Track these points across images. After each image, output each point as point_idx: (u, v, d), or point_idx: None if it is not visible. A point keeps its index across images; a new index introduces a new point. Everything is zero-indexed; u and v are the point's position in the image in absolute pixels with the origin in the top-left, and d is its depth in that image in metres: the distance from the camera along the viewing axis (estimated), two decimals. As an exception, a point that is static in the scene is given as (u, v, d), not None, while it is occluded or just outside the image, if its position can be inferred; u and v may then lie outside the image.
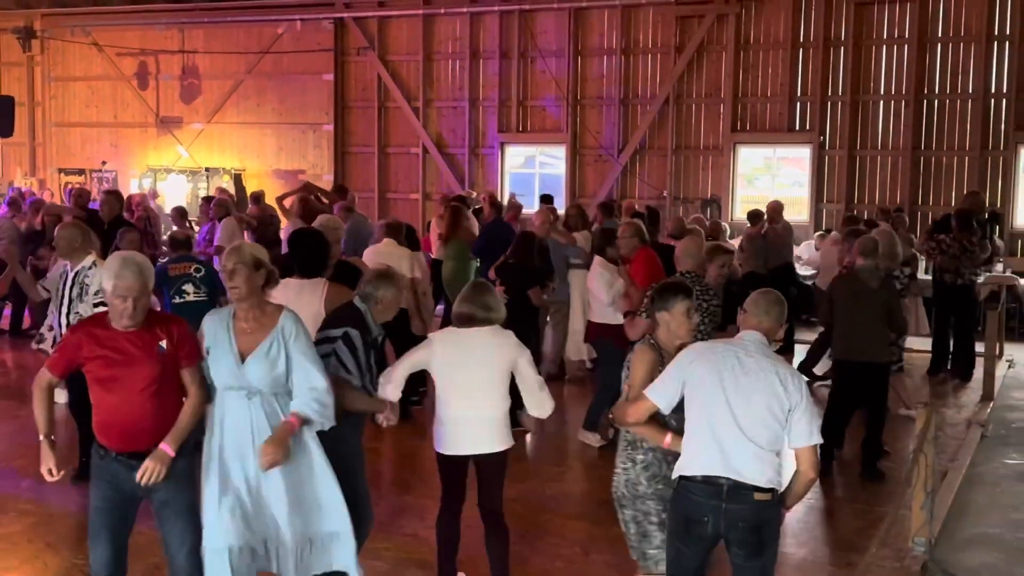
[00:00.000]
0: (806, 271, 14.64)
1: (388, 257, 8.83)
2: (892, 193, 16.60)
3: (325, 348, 5.04)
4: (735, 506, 4.19)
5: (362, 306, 5.19)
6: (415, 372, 5.36)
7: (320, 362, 4.71)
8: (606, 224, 11.32)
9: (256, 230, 13.04)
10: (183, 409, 4.58)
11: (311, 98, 20.07)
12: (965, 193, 13.94)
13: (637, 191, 17.78)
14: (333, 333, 5.09)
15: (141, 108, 21.41)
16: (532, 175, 19.25)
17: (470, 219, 12.19)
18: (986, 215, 14.19)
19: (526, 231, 10.11)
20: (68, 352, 4.60)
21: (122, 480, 4.52)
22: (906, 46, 16.38)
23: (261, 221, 13.49)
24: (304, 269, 6.12)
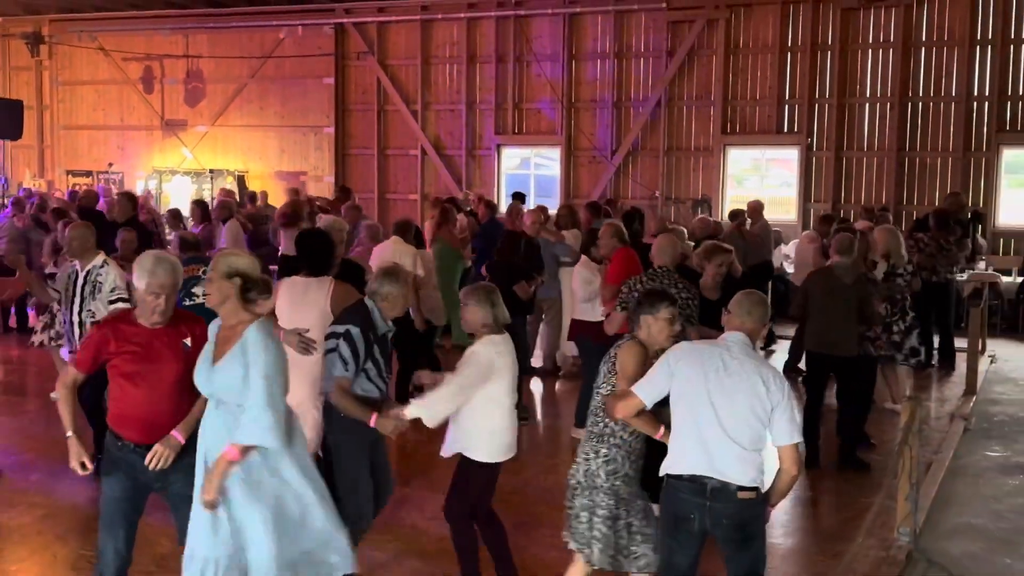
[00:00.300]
0: (793, 268, 14.85)
1: (393, 254, 9.02)
2: (878, 193, 16.83)
3: (331, 343, 5.22)
4: (719, 504, 4.29)
5: (370, 303, 5.29)
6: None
7: (274, 380, 4.37)
8: (594, 224, 11.46)
9: (250, 229, 13.23)
10: (198, 401, 4.63)
11: (312, 101, 20.34)
12: (946, 195, 14.16)
13: (630, 192, 18.04)
14: (338, 330, 5.24)
15: (147, 111, 21.70)
16: (528, 176, 19.53)
17: (457, 220, 12.39)
18: (969, 215, 14.46)
19: (510, 230, 10.21)
20: (94, 348, 4.65)
21: (140, 471, 4.61)
22: (891, 50, 16.63)
23: (254, 220, 13.63)
24: (311, 268, 6.27)
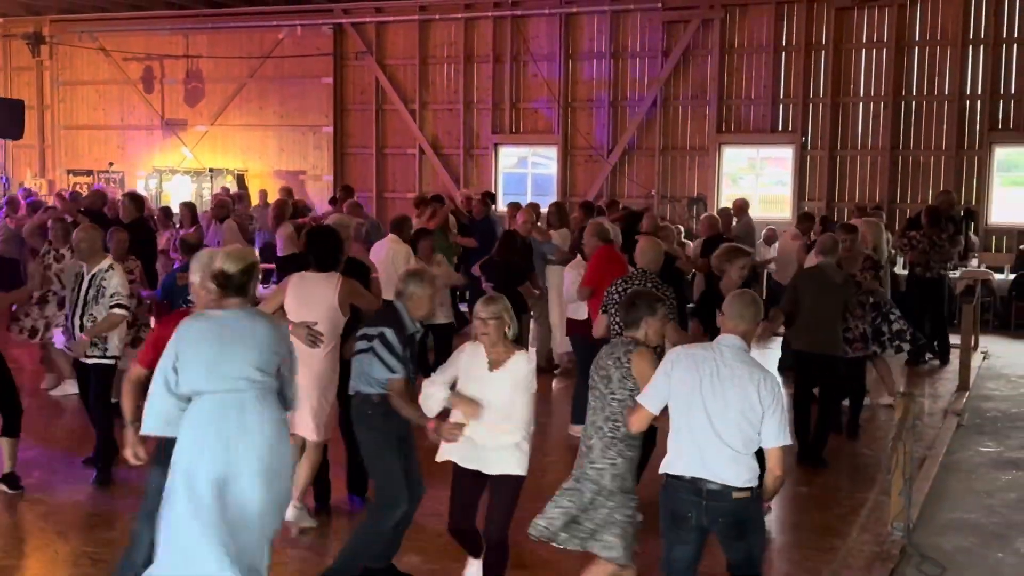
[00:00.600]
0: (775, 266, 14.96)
1: (388, 253, 9.14)
2: (871, 191, 16.98)
3: (362, 345, 5.37)
4: (715, 503, 4.43)
5: (399, 304, 5.38)
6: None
7: (156, 379, 4.63)
8: (586, 223, 11.59)
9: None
10: None
11: (311, 101, 20.44)
12: (937, 194, 14.33)
13: (626, 190, 18.18)
14: (371, 332, 5.36)
15: (147, 111, 21.77)
16: (525, 175, 19.68)
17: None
18: (961, 212, 14.65)
19: (508, 230, 10.35)
20: (159, 345, 4.79)
21: None
22: (885, 50, 16.78)
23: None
24: (319, 264, 6.45)
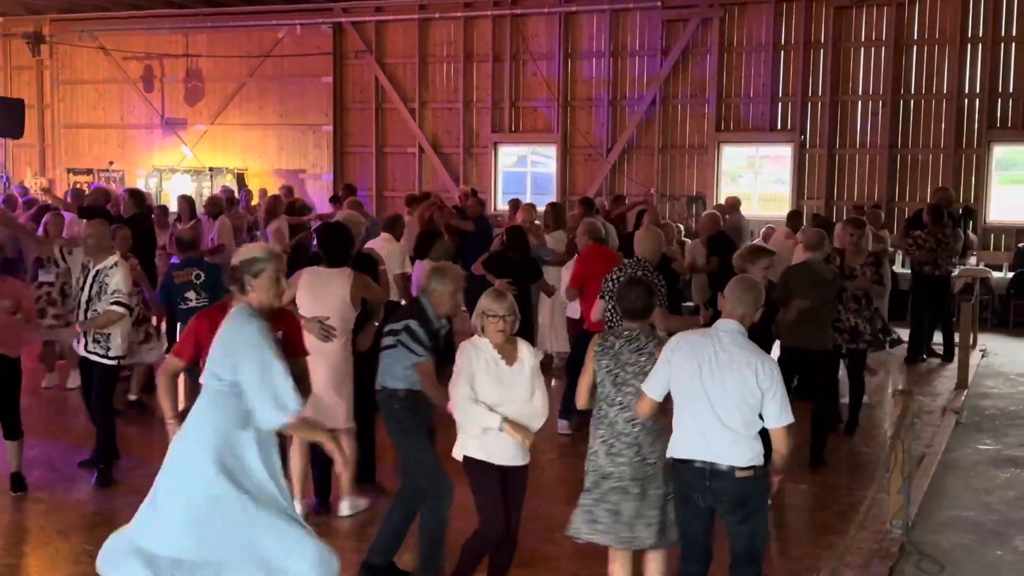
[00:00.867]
0: None
1: (382, 251, 9.12)
2: (870, 189, 17.03)
3: (389, 340, 5.48)
4: (719, 483, 4.60)
5: (424, 300, 5.48)
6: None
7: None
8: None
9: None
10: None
11: (311, 100, 20.46)
12: (934, 191, 14.34)
13: (625, 189, 18.18)
14: (396, 327, 5.47)
15: (147, 110, 21.79)
16: (524, 174, 19.72)
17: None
18: (960, 210, 14.68)
19: (516, 225, 10.26)
20: (194, 338, 4.93)
21: None
22: (883, 48, 16.82)
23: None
24: (331, 259, 6.60)
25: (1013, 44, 16.24)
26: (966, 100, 16.52)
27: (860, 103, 17.13)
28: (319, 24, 20.13)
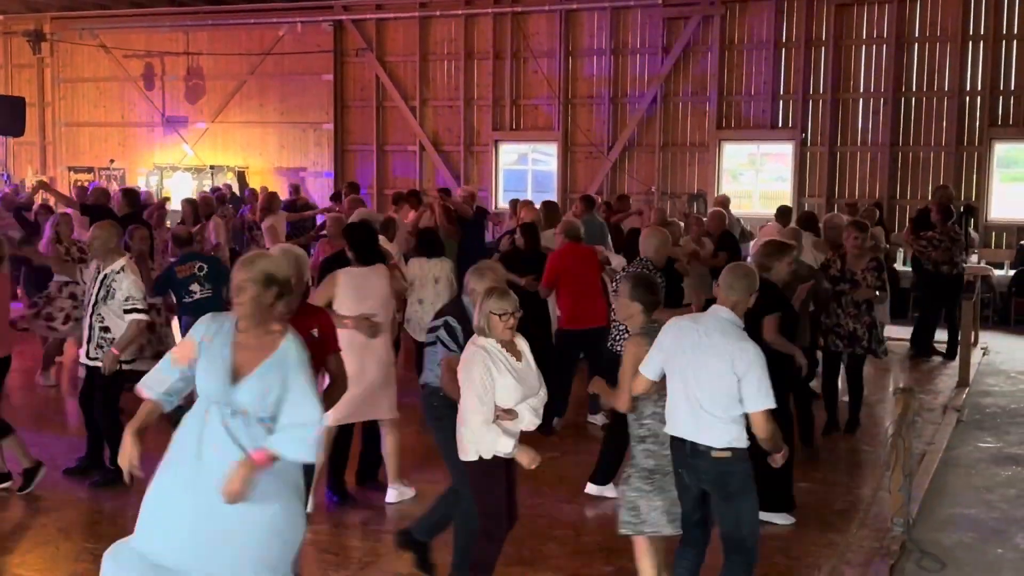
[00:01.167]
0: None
1: None
2: (871, 187, 17.02)
3: (430, 337, 5.56)
4: (699, 462, 4.78)
5: (465, 300, 5.52)
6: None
7: (315, 394, 4.12)
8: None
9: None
10: (327, 388, 4.75)
11: (311, 98, 20.49)
12: (934, 190, 14.26)
13: (626, 187, 18.20)
14: (436, 323, 5.56)
15: (147, 108, 21.82)
16: (525, 172, 19.73)
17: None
18: (962, 208, 14.65)
19: (528, 222, 10.18)
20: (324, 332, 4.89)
21: None
22: (885, 46, 16.80)
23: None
24: (365, 258, 6.69)
25: (1015, 42, 16.23)
26: (967, 98, 16.51)
27: (861, 101, 17.12)
28: (320, 22, 20.15)
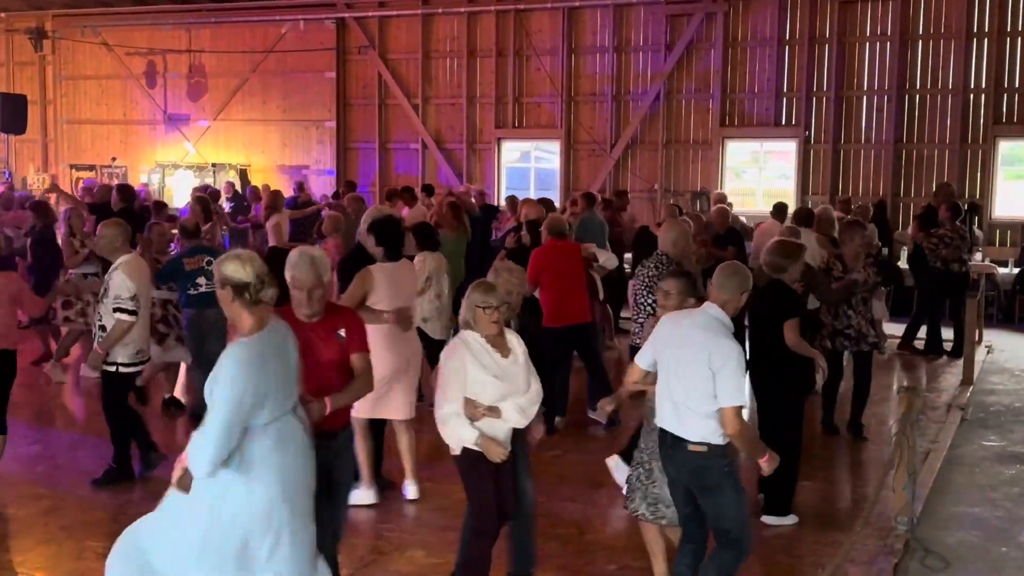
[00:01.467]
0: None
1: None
2: (875, 185, 16.98)
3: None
4: (675, 454, 4.90)
5: None
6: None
7: (215, 409, 3.87)
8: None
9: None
10: (351, 385, 4.76)
11: (314, 96, 20.47)
12: (937, 187, 14.19)
13: (629, 184, 18.19)
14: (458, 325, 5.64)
15: (149, 106, 21.82)
16: (528, 169, 19.71)
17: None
18: (966, 205, 14.60)
19: (532, 220, 10.16)
20: None
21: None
22: (889, 43, 16.75)
23: None
24: (395, 253, 6.82)
25: (1019, 39, 16.17)
26: (972, 95, 16.45)
27: (865, 98, 17.07)
28: (322, 19, 20.14)
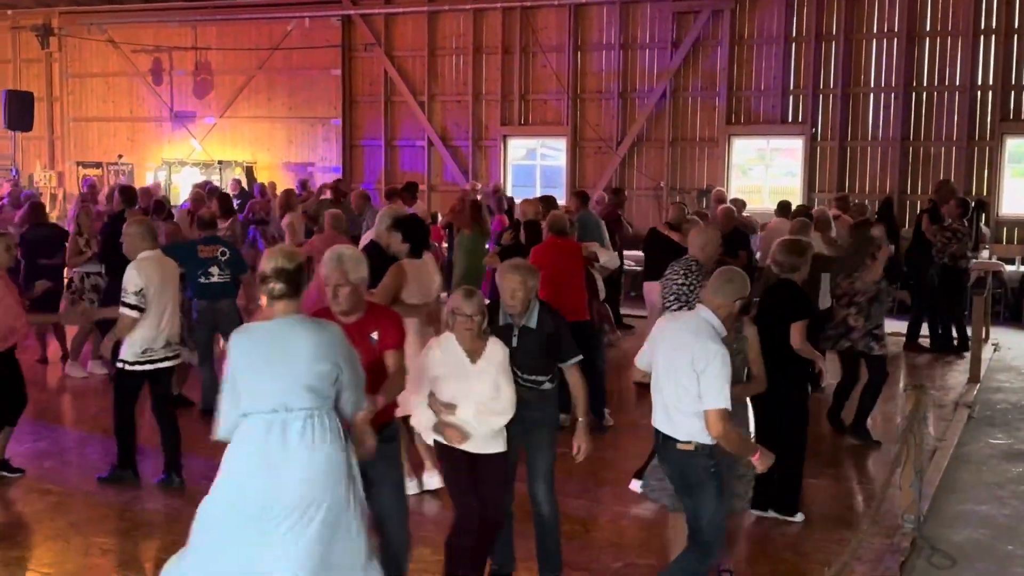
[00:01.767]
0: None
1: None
2: (882, 182, 16.94)
3: None
4: (665, 451, 5.03)
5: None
6: None
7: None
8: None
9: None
10: (385, 383, 4.77)
11: (320, 93, 20.49)
12: (938, 184, 14.09)
13: (635, 182, 18.19)
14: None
15: (156, 103, 21.87)
16: (533, 167, 19.70)
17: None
18: (973, 203, 14.55)
19: (531, 220, 10.18)
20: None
21: None
22: (895, 40, 16.70)
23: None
24: (420, 249, 6.87)
25: (1027, 36, 16.14)
26: (979, 92, 16.40)
27: (872, 95, 17.02)
28: (328, 17, 20.15)
